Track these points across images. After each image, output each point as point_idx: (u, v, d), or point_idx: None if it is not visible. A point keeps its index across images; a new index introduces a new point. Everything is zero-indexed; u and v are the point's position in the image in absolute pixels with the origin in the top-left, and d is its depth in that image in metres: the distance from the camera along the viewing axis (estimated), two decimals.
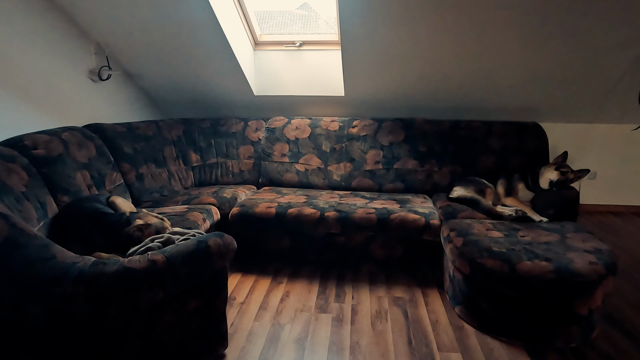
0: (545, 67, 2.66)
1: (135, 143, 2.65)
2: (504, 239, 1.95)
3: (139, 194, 2.54)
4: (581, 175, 2.37)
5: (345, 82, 2.95)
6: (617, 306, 2.06)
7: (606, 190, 3.47)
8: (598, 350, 1.74)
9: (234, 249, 1.60)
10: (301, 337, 1.83)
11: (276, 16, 3.37)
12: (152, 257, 1.37)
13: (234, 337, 1.83)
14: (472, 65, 2.68)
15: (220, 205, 2.49)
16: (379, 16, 2.35)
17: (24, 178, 1.76)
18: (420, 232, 2.29)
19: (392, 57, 2.67)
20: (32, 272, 1.23)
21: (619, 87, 2.81)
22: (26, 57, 2.24)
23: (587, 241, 1.89)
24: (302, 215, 2.37)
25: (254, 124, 3.15)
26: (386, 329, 1.90)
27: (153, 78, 3.15)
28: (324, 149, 3.00)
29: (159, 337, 1.44)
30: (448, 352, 1.73)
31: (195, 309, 1.51)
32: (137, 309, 1.34)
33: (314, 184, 2.98)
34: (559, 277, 1.65)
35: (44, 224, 1.75)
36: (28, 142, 1.93)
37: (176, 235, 1.68)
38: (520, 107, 3.08)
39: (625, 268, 2.46)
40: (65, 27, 2.51)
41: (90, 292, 1.25)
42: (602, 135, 3.33)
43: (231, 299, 2.14)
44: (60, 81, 2.49)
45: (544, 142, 2.82)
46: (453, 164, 2.87)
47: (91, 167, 2.21)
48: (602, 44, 2.42)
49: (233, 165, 3.09)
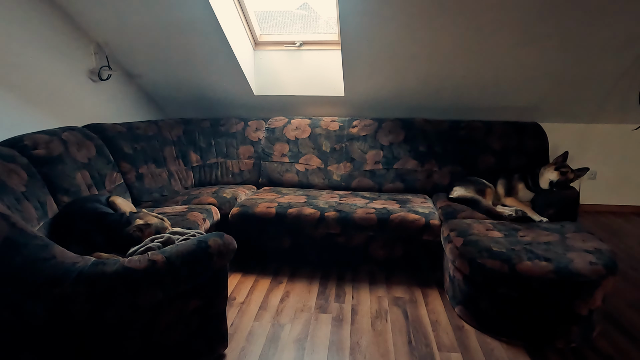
0: (545, 67, 2.66)
1: (136, 143, 2.65)
2: (504, 239, 1.95)
3: (139, 194, 2.54)
4: (581, 174, 2.36)
5: (345, 82, 2.95)
6: (617, 306, 2.06)
7: (606, 190, 3.47)
8: (598, 350, 1.74)
9: (234, 249, 1.60)
10: (301, 337, 1.83)
11: (276, 16, 3.37)
12: (152, 257, 1.37)
13: (234, 337, 1.83)
14: (472, 65, 2.68)
15: (220, 205, 2.49)
16: (379, 16, 2.35)
17: (24, 178, 1.76)
18: (420, 232, 2.29)
19: (392, 57, 2.67)
20: (32, 272, 1.23)
21: (619, 87, 2.81)
22: (26, 57, 2.24)
23: (587, 241, 1.89)
24: (302, 215, 2.37)
25: (254, 124, 3.15)
26: (386, 329, 1.90)
27: (153, 78, 3.15)
28: (324, 149, 3.00)
29: (159, 337, 1.44)
30: (448, 352, 1.73)
31: (196, 309, 1.51)
32: (137, 309, 1.34)
33: (314, 184, 2.98)
34: (559, 277, 1.65)
35: (43, 224, 1.75)
36: (28, 142, 1.93)
37: (176, 235, 1.68)
38: (520, 107, 3.08)
39: (626, 268, 2.46)
40: (65, 27, 2.51)
41: (90, 292, 1.25)
42: (602, 135, 3.32)
43: (231, 299, 2.14)
44: (60, 81, 2.49)
45: (544, 142, 2.82)
46: (453, 164, 2.87)
47: (91, 167, 2.21)
48: (602, 44, 2.42)
49: (233, 165, 3.09)
